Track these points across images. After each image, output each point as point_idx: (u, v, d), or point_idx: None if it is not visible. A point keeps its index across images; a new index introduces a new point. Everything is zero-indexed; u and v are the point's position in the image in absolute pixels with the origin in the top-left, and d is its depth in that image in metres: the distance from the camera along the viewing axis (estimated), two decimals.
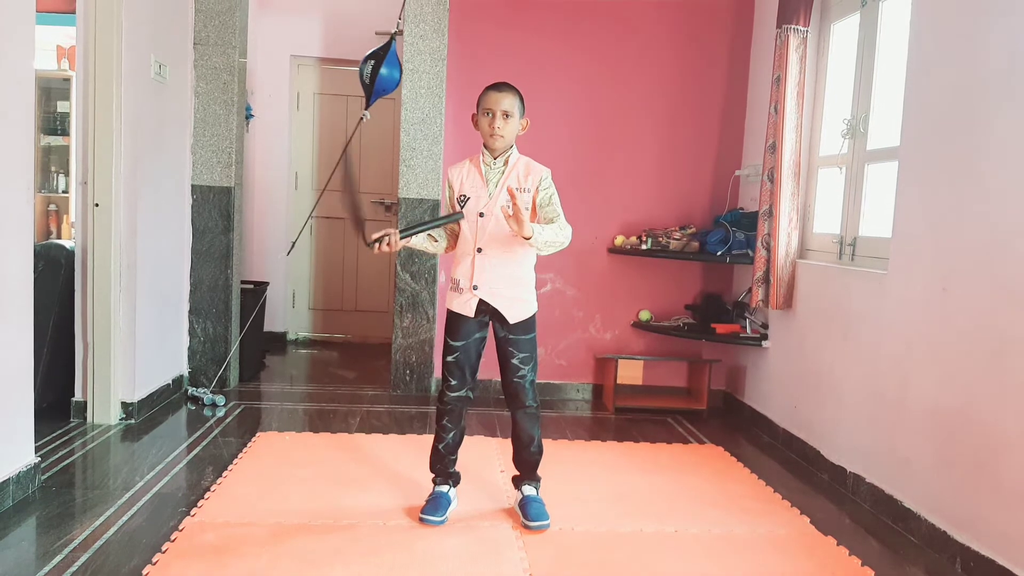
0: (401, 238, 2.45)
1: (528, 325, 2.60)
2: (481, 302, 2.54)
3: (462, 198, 2.56)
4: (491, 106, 2.48)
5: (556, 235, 2.47)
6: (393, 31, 4.28)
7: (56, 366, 3.56)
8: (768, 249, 3.71)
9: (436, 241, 2.61)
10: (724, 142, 4.43)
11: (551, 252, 2.52)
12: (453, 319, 2.61)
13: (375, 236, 2.43)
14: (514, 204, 2.32)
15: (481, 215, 2.52)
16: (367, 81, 4.28)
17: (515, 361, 2.59)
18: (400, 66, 4.25)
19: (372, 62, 4.25)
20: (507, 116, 2.48)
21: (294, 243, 4.77)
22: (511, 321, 2.56)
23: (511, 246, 2.51)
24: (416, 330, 4.34)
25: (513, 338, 2.58)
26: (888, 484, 2.86)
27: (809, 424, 3.48)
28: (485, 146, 2.55)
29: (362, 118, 4.41)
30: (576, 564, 2.35)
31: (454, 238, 2.64)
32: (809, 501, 2.98)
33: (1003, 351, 2.34)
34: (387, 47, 4.26)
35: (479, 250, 2.52)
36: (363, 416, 3.89)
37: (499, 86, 2.52)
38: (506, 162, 2.54)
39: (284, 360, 5.34)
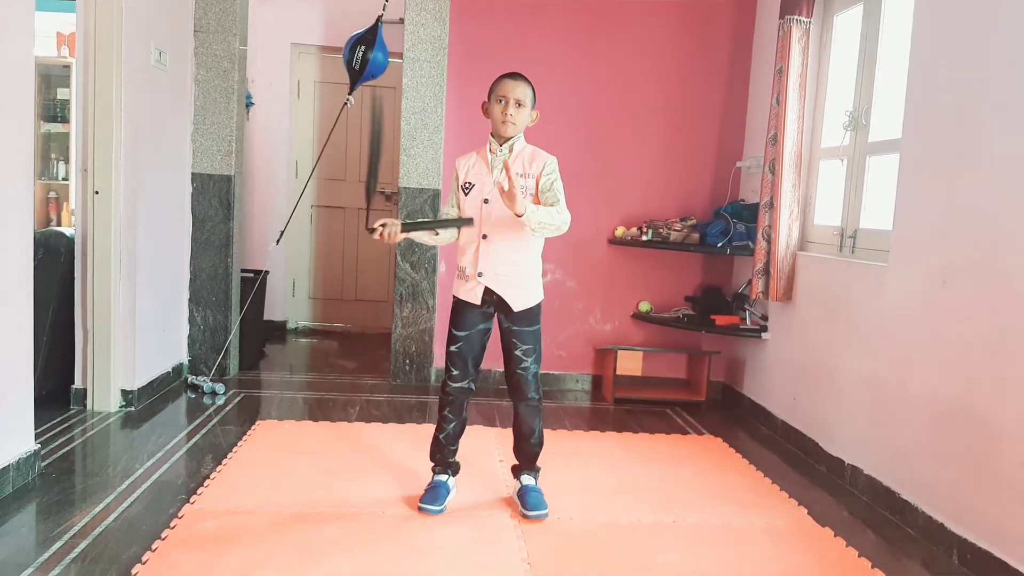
0: (403, 231, 2.46)
1: (533, 316, 2.59)
2: (487, 290, 2.54)
3: (467, 185, 2.56)
4: (505, 93, 2.49)
5: (552, 217, 2.43)
6: (380, 14, 4.21)
7: (56, 354, 3.56)
8: (769, 241, 3.71)
9: (437, 235, 2.60)
10: (725, 133, 4.42)
11: (547, 235, 2.49)
12: (458, 308, 2.61)
13: (376, 224, 2.44)
14: (508, 178, 2.31)
15: (486, 201, 2.51)
16: (357, 67, 4.21)
17: (518, 353, 2.59)
18: (386, 50, 4.19)
19: (362, 48, 4.18)
20: (519, 105, 2.49)
21: (282, 233, 4.73)
22: (515, 309, 2.55)
23: (517, 233, 2.50)
24: (416, 320, 4.34)
25: (517, 329, 2.58)
26: (886, 476, 2.87)
27: (808, 416, 3.48)
28: (493, 134, 2.55)
29: (346, 103, 4.36)
30: (574, 554, 2.36)
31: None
32: (807, 493, 2.99)
33: (1002, 344, 2.34)
34: (375, 31, 4.19)
35: (484, 237, 2.52)
36: (363, 405, 3.90)
37: (514, 75, 2.53)
38: (511, 148, 2.54)
39: (284, 349, 5.34)
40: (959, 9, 2.63)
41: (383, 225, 2.44)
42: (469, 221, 2.50)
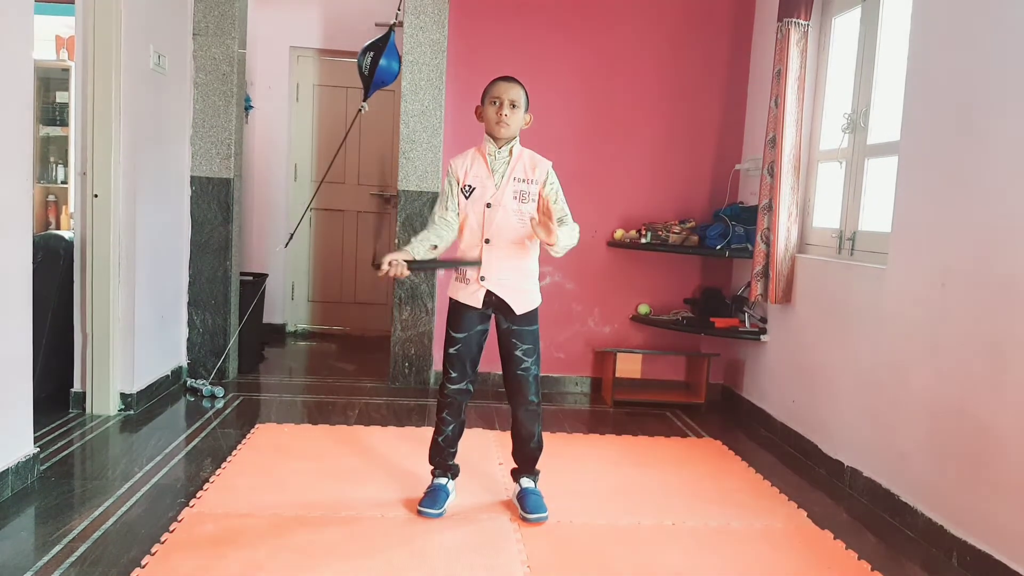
0: (409, 268, 2.40)
1: (531, 317, 2.59)
2: (488, 293, 2.54)
3: (467, 188, 2.55)
4: (499, 95, 2.49)
5: (571, 238, 2.51)
6: (392, 22, 4.26)
7: (55, 357, 3.56)
8: (767, 243, 3.71)
9: (435, 248, 2.56)
10: (724, 136, 4.42)
11: (563, 254, 2.51)
12: (456, 310, 2.61)
13: (384, 261, 2.37)
14: (547, 209, 2.36)
15: (488, 205, 2.52)
16: (366, 73, 4.27)
17: (518, 353, 2.59)
18: (399, 58, 4.25)
19: (371, 54, 4.24)
20: (514, 106, 2.49)
21: (292, 235, 4.76)
22: (518, 312, 2.55)
23: (518, 237, 2.52)
24: (415, 323, 4.34)
25: (516, 329, 2.58)
26: (885, 478, 2.87)
27: (807, 418, 3.49)
28: (490, 136, 2.55)
29: (360, 110, 4.40)
30: (574, 556, 2.36)
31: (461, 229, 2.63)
32: (806, 495, 2.99)
33: (1001, 346, 2.34)
34: (386, 38, 4.25)
35: (487, 241, 2.52)
36: (362, 408, 3.90)
37: (507, 78, 2.55)
38: (510, 152, 2.54)
39: (283, 352, 5.34)
40: (957, 12, 2.64)
41: (390, 263, 2.37)
42: (477, 263, 2.50)
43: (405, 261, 2.39)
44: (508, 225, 2.51)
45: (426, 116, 4.22)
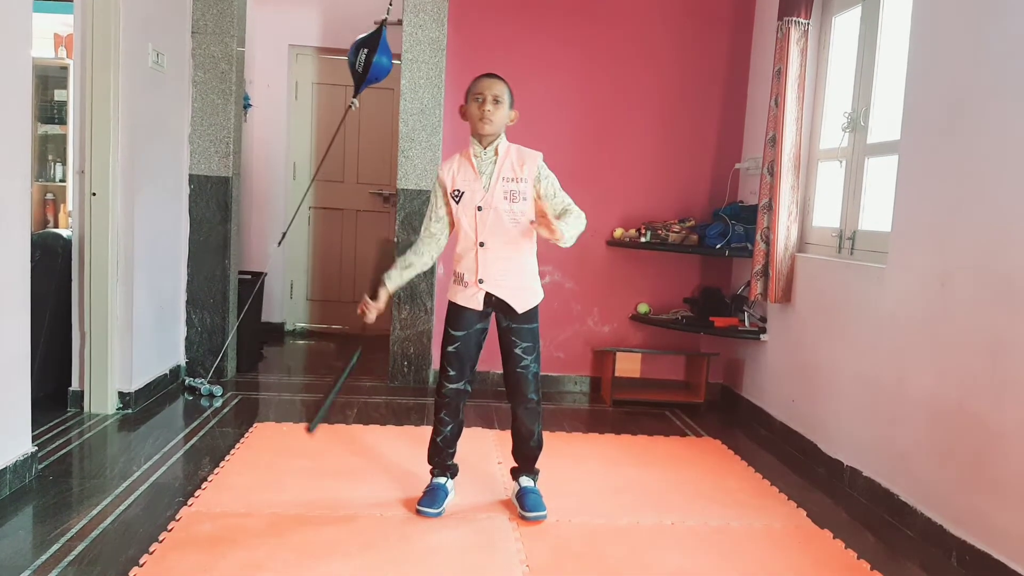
0: (383, 291, 2.62)
1: (531, 315, 2.58)
2: (487, 295, 2.53)
3: (456, 193, 2.53)
4: (481, 91, 2.48)
5: (578, 226, 2.51)
6: (383, 18, 4.23)
7: (53, 356, 3.56)
8: (767, 243, 3.70)
9: (411, 266, 2.64)
10: (724, 135, 4.42)
11: (574, 240, 2.52)
12: (455, 310, 2.60)
13: (366, 314, 2.63)
14: (541, 213, 2.38)
15: (479, 209, 2.50)
16: (360, 70, 4.24)
17: (517, 351, 2.58)
18: (390, 54, 4.22)
19: (365, 51, 4.21)
20: (497, 101, 2.47)
21: (284, 234, 4.74)
22: (519, 311, 2.55)
23: (513, 237, 2.51)
24: (414, 322, 4.33)
25: (515, 327, 2.57)
26: (885, 478, 2.87)
27: (806, 418, 3.48)
28: (474, 136, 2.53)
29: (350, 106, 4.37)
30: (573, 555, 2.36)
31: (451, 230, 2.63)
32: (806, 495, 2.99)
33: (1001, 346, 2.34)
34: (378, 34, 4.21)
35: (481, 244, 2.51)
36: (361, 407, 3.89)
37: (489, 75, 2.53)
38: (496, 151, 2.52)
39: (281, 351, 5.33)
40: (957, 11, 2.63)
41: (365, 308, 2.62)
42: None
43: (369, 298, 2.63)
44: (501, 227, 2.50)
45: (425, 115, 4.22)
